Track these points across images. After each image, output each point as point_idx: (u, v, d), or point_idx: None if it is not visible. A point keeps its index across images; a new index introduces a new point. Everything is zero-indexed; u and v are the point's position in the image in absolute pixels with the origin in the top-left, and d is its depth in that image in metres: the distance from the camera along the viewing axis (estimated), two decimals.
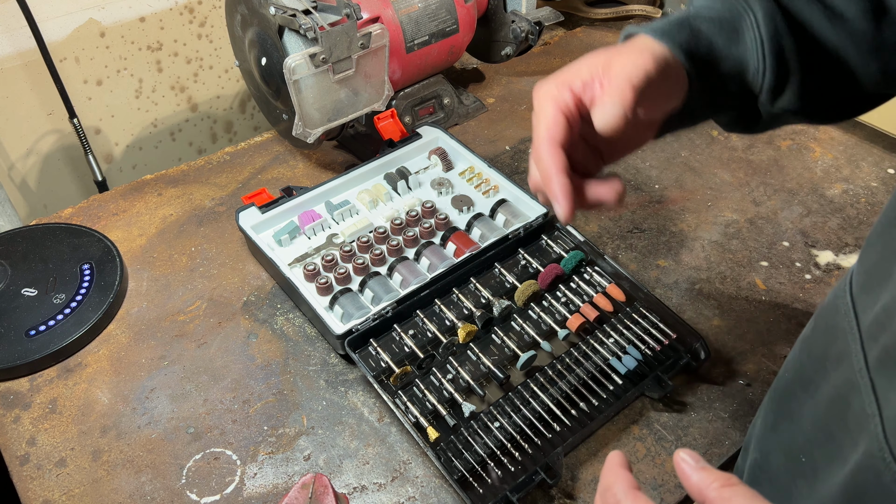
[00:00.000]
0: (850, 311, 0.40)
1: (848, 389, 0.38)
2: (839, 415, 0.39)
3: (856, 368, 0.37)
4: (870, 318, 0.37)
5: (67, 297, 0.77)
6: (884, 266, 0.37)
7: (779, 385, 0.50)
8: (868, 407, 0.35)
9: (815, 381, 0.43)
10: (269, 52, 0.86)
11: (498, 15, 1.05)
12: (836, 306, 0.43)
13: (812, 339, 0.47)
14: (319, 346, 0.76)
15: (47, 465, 0.65)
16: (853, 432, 0.37)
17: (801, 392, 0.45)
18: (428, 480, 0.64)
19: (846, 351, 0.39)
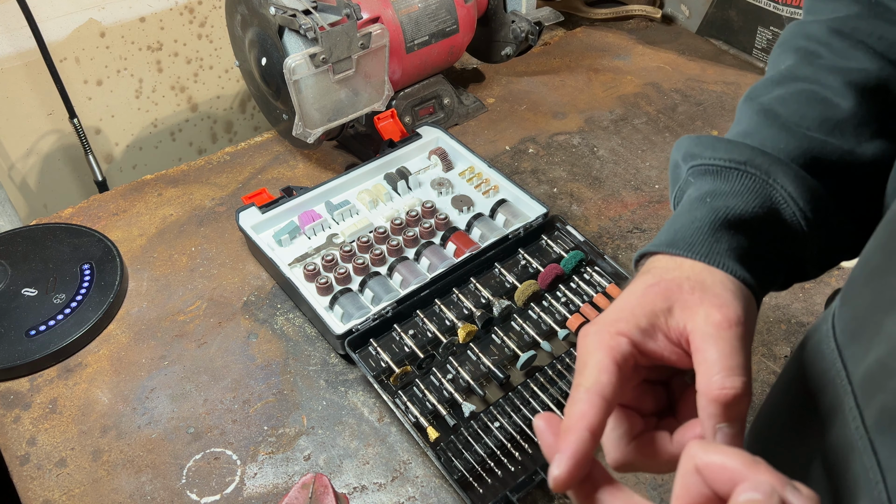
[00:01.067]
0: (839, 362, 0.38)
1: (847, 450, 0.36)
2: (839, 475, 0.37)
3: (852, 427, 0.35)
4: (862, 370, 0.35)
5: (67, 297, 0.77)
6: (874, 317, 0.35)
7: (763, 428, 0.48)
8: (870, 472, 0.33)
9: (807, 432, 0.41)
10: (270, 52, 0.86)
11: (498, 15, 1.05)
12: (820, 352, 0.41)
13: (798, 384, 0.44)
14: (319, 346, 0.76)
15: (47, 465, 0.65)
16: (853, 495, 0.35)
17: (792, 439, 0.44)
18: (428, 480, 0.64)
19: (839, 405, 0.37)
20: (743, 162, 0.40)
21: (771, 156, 0.40)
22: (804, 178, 0.40)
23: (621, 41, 1.25)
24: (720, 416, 0.32)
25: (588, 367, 0.34)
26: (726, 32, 1.22)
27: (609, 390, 0.33)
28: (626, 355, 0.34)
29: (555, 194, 0.94)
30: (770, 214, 0.39)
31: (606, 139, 1.03)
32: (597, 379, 0.33)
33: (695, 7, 1.26)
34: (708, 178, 0.41)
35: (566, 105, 1.10)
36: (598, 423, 0.32)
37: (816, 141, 0.41)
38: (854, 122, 0.41)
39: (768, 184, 0.39)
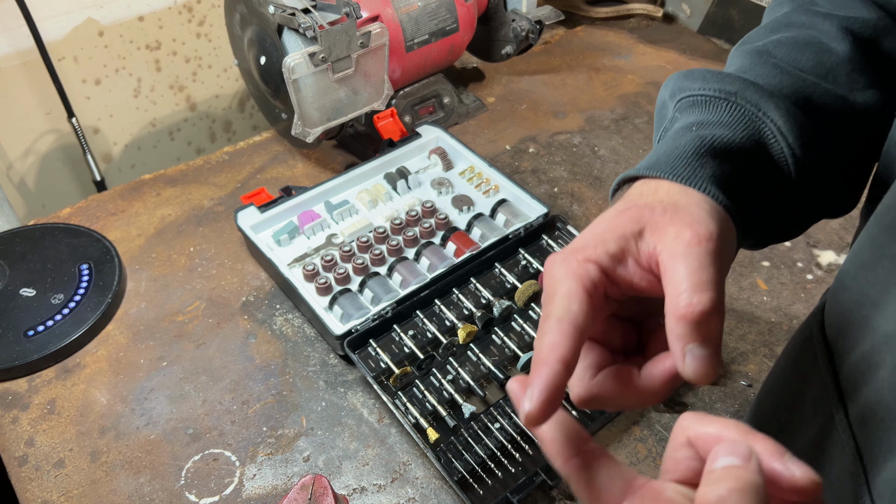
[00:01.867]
0: (825, 356, 0.38)
1: (830, 443, 0.36)
2: (820, 468, 0.37)
3: (836, 420, 0.35)
4: (847, 365, 0.35)
5: (66, 297, 0.77)
6: (861, 312, 0.35)
7: (752, 418, 0.48)
8: (851, 465, 0.33)
9: (793, 425, 0.41)
10: (269, 51, 0.86)
11: (498, 14, 1.05)
12: (808, 347, 0.41)
13: (786, 379, 0.44)
14: (319, 346, 0.75)
15: (46, 466, 0.65)
16: (836, 489, 0.35)
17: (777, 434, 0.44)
18: (428, 482, 0.64)
19: (823, 399, 0.37)
20: (733, 93, 0.38)
21: (763, 89, 0.38)
22: (795, 114, 0.38)
23: (622, 40, 1.24)
24: (689, 335, 0.29)
25: (557, 296, 0.31)
26: (727, 31, 1.22)
27: (580, 319, 0.30)
28: (596, 282, 0.32)
29: (555, 194, 0.93)
30: (757, 147, 0.37)
31: (607, 138, 1.03)
32: (567, 307, 0.31)
33: (696, 6, 1.26)
34: (696, 109, 0.39)
35: (567, 104, 1.09)
36: (571, 352, 0.30)
37: (809, 82, 0.39)
38: (848, 67, 0.40)
39: (758, 116, 0.38)
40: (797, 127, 0.37)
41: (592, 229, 0.34)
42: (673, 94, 0.41)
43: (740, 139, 0.37)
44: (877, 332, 0.33)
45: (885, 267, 0.33)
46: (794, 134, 0.37)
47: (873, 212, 0.36)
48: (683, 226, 0.31)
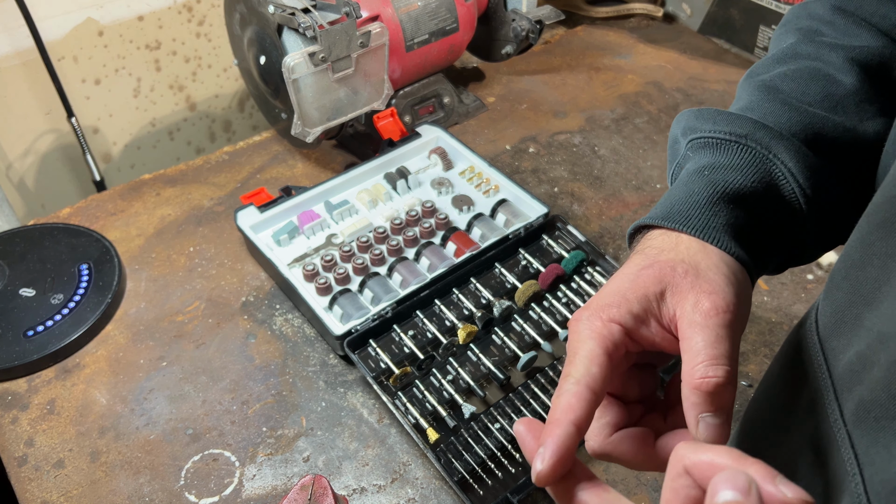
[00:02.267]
0: (819, 355, 0.38)
1: (825, 442, 0.36)
2: (816, 467, 0.37)
3: (831, 420, 0.35)
4: (841, 365, 0.35)
5: (65, 297, 0.77)
6: (853, 311, 0.35)
7: (747, 423, 0.48)
8: (847, 464, 0.33)
9: (787, 426, 0.41)
10: (268, 51, 0.86)
11: (498, 13, 1.04)
12: (802, 347, 0.40)
13: (781, 379, 0.44)
14: (318, 346, 0.75)
15: (45, 467, 0.65)
16: (832, 488, 0.35)
17: (773, 434, 0.43)
18: (428, 482, 0.64)
19: (818, 399, 0.37)
20: (743, 135, 0.39)
21: (772, 130, 0.39)
22: (805, 154, 0.39)
23: (622, 40, 1.24)
24: (703, 405, 0.31)
25: (578, 357, 0.33)
26: (728, 31, 1.22)
27: (598, 382, 0.32)
28: (618, 343, 0.33)
29: (555, 194, 0.93)
30: (769, 190, 0.38)
31: (607, 138, 1.02)
32: (587, 370, 0.32)
33: (696, 6, 1.26)
34: (707, 151, 0.40)
35: (567, 104, 1.09)
36: (585, 416, 0.31)
37: (818, 117, 0.40)
38: (856, 98, 0.41)
39: (768, 158, 0.39)
40: (807, 168, 0.39)
41: (616, 285, 0.35)
42: (685, 133, 0.42)
43: (752, 183, 0.38)
44: (870, 331, 0.33)
45: (876, 265, 0.33)
46: (805, 175, 0.38)
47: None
48: (703, 294, 0.33)
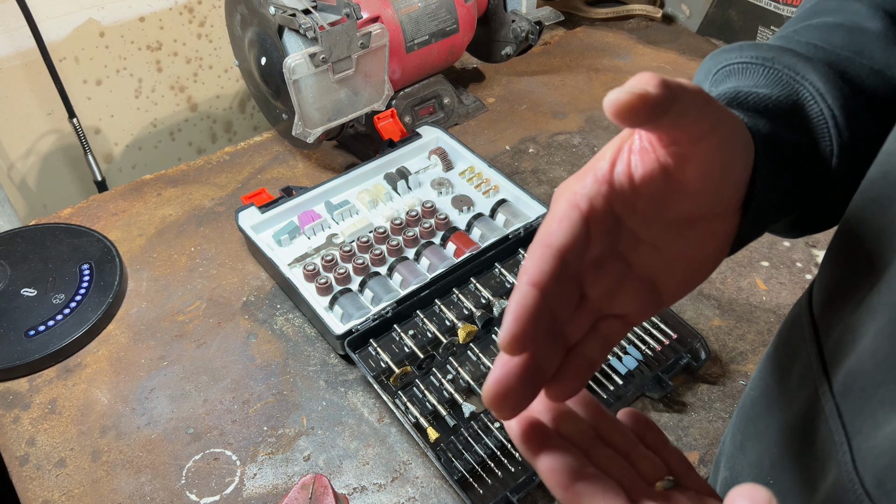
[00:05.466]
0: (811, 330, 0.38)
1: (814, 414, 0.36)
2: (806, 440, 0.37)
3: (820, 392, 0.35)
4: (832, 338, 0.35)
5: (67, 297, 0.77)
6: (845, 286, 0.35)
7: (745, 402, 0.49)
8: (835, 434, 0.33)
9: (780, 403, 0.41)
10: (269, 52, 0.86)
11: (498, 14, 1.05)
12: (796, 324, 0.40)
13: (774, 356, 0.44)
14: (319, 346, 0.76)
15: (47, 466, 0.65)
16: (821, 459, 0.35)
17: (765, 412, 0.43)
18: (428, 481, 0.64)
19: (808, 373, 0.37)
20: (769, 58, 0.36)
21: (800, 54, 0.36)
22: (835, 77, 0.35)
23: (622, 41, 1.25)
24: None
25: (545, 221, 0.30)
26: (727, 32, 1.22)
27: (559, 238, 0.29)
28: (592, 195, 0.30)
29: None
30: (795, 109, 0.35)
31: (607, 139, 1.03)
32: (546, 229, 0.29)
33: (695, 7, 1.26)
34: (732, 77, 0.37)
35: (566, 105, 1.09)
36: (543, 275, 0.28)
37: (843, 57, 0.37)
38: (883, 43, 0.38)
39: (795, 80, 0.35)
40: (836, 89, 0.35)
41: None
42: (708, 72, 0.40)
43: (777, 96, 0.35)
44: (860, 304, 0.33)
45: (869, 240, 0.33)
46: (834, 95, 0.35)
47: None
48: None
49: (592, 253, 0.31)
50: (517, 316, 0.27)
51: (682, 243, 0.33)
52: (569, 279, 0.30)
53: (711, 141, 0.30)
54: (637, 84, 0.26)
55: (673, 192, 0.31)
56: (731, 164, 0.31)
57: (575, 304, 0.32)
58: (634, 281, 0.33)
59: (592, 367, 0.32)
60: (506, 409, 0.29)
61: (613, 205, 0.31)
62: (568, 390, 0.31)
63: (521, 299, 0.28)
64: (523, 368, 0.28)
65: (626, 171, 0.31)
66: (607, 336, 0.33)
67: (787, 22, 0.43)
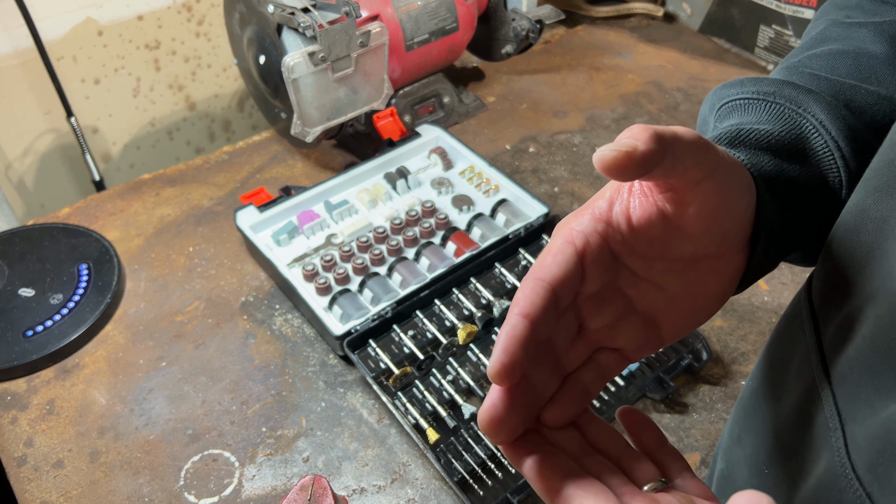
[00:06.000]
0: (810, 320, 0.38)
1: (810, 402, 0.36)
2: (801, 428, 0.37)
3: (817, 380, 0.35)
4: (831, 327, 0.35)
5: (65, 297, 0.77)
6: (845, 275, 0.34)
7: (744, 395, 0.48)
8: (830, 421, 0.33)
9: (777, 393, 0.41)
10: (268, 51, 0.86)
11: (498, 13, 1.04)
12: (796, 314, 0.40)
13: (774, 347, 0.44)
14: (318, 346, 0.75)
15: (45, 467, 0.65)
16: (815, 446, 0.35)
17: (763, 403, 0.43)
18: (428, 482, 0.64)
19: (807, 361, 0.37)
20: (770, 93, 0.36)
21: (802, 87, 0.36)
22: (838, 107, 0.35)
23: (623, 39, 1.24)
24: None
25: (541, 255, 0.31)
26: (728, 31, 1.22)
27: (552, 272, 0.29)
28: (588, 233, 0.30)
29: (556, 194, 0.93)
30: (799, 142, 0.35)
31: (608, 138, 1.02)
32: (541, 263, 0.30)
33: (697, 5, 1.25)
34: (735, 113, 0.37)
35: (567, 104, 1.09)
36: (534, 308, 0.29)
37: (849, 85, 0.37)
38: (891, 66, 0.38)
39: (798, 113, 0.35)
40: (840, 119, 0.35)
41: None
42: (712, 107, 0.40)
43: (779, 132, 0.35)
44: (860, 293, 0.32)
45: (870, 229, 0.32)
46: (838, 126, 0.35)
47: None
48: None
49: (590, 288, 0.31)
50: (506, 346, 0.28)
51: (684, 282, 0.33)
52: (564, 311, 0.31)
53: (709, 185, 0.30)
54: (626, 141, 0.27)
55: (672, 235, 0.31)
56: (731, 207, 0.31)
57: (573, 336, 0.32)
58: (635, 317, 0.33)
59: (588, 395, 0.32)
60: (500, 436, 0.29)
61: (610, 243, 0.31)
62: (565, 415, 0.32)
63: (511, 330, 0.28)
64: (515, 397, 0.29)
65: (624, 213, 0.31)
66: (605, 367, 0.33)
67: (792, 52, 0.43)
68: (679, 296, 0.33)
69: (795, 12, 1.09)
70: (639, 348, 0.34)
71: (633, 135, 0.27)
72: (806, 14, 1.09)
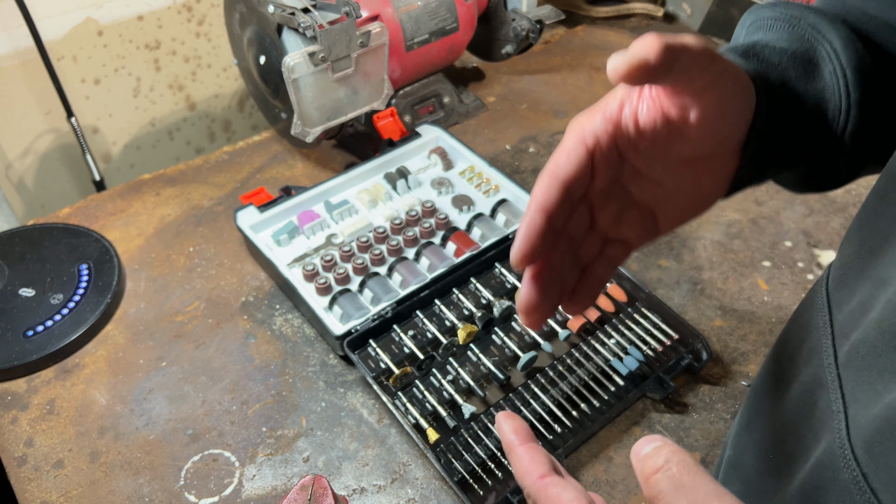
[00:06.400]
0: (825, 307, 0.39)
1: (816, 386, 0.37)
2: (806, 412, 0.38)
3: (825, 364, 0.36)
4: (843, 313, 0.36)
5: (65, 297, 0.77)
6: (860, 262, 0.35)
7: (756, 382, 0.50)
8: (834, 403, 0.34)
9: (787, 379, 0.42)
10: (268, 51, 0.86)
11: (498, 13, 1.04)
12: (812, 301, 0.41)
13: (787, 335, 0.45)
14: (318, 346, 0.75)
15: (45, 467, 0.65)
16: (817, 429, 0.36)
17: (772, 389, 0.44)
18: (428, 482, 0.64)
19: (817, 347, 0.38)
20: (796, 16, 0.39)
21: (827, 14, 0.38)
22: (854, 39, 0.37)
23: (623, 39, 1.24)
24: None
25: (555, 152, 0.35)
26: (728, 31, 1.22)
27: (565, 170, 0.33)
28: (598, 131, 0.34)
29: None
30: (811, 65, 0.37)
31: None
32: (555, 161, 0.34)
33: (696, 5, 1.25)
34: (759, 32, 0.40)
35: (567, 104, 1.09)
36: (550, 202, 0.33)
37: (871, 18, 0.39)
38: None
39: (815, 38, 0.37)
40: (852, 50, 0.36)
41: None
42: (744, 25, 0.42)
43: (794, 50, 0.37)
44: (873, 279, 0.33)
45: (887, 216, 0.33)
46: (848, 56, 0.36)
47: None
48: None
49: (599, 183, 0.36)
50: (525, 235, 0.33)
51: (681, 180, 0.37)
52: (577, 205, 0.36)
53: (712, 93, 0.33)
54: (638, 52, 0.29)
55: (674, 137, 0.34)
56: (730, 114, 0.34)
57: (587, 229, 0.37)
58: (635, 210, 0.37)
59: (601, 283, 0.38)
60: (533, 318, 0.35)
61: (618, 142, 0.35)
62: (583, 304, 0.37)
63: (530, 221, 0.33)
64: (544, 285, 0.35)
65: (632, 115, 0.34)
66: (612, 258, 0.38)
67: None
68: (675, 192, 0.37)
69: None
70: (639, 237, 0.38)
71: (644, 45, 0.29)
72: None
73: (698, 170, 0.36)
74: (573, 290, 0.37)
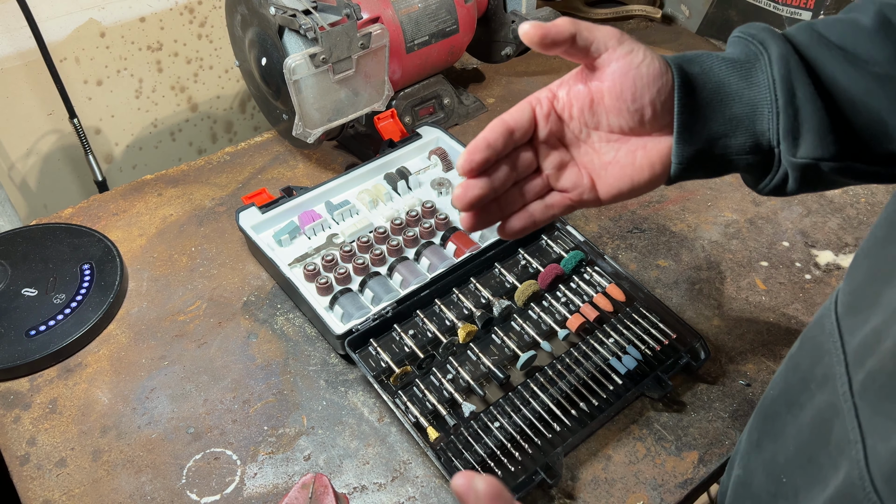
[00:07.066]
0: (836, 332, 0.39)
1: (831, 413, 0.37)
2: (821, 438, 0.38)
3: (839, 392, 0.36)
4: (857, 340, 0.36)
5: (67, 297, 0.77)
6: (872, 288, 0.36)
7: (765, 402, 0.50)
8: (851, 433, 0.34)
9: (800, 402, 0.42)
10: (269, 53, 0.86)
11: (498, 15, 1.05)
12: (821, 325, 0.41)
13: (797, 357, 0.45)
14: (319, 346, 0.76)
15: (47, 465, 0.65)
16: (834, 457, 0.36)
17: (785, 411, 0.44)
18: (428, 480, 0.64)
19: (831, 373, 0.38)
20: (751, 34, 0.45)
21: (776, 34, 0.44)
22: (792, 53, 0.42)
23: None
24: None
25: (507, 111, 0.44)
26: (726, 32, 1.22)
27: (512, 117, 0.44)
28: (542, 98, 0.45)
29: None
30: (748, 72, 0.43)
31: None
32: (507, 112, 0.44)
33: (695, 7, 1.26)
34: (728, 47, 0.47)
35: None
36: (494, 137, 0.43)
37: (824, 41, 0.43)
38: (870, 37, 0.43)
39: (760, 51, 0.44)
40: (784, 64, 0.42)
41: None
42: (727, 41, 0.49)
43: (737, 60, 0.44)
44: (887, 307, 0.33)
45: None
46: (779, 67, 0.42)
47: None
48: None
49: (541, 134, 0.46)
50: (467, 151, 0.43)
51: (615, 152, 0.46)
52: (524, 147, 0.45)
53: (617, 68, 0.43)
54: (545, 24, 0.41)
55: (596, 108, 0.45)
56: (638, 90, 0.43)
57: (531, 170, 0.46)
58: (575, 168, 0.47)
59: (535, 223, 0.47)
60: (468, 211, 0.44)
61: (555, 107, 0.46)
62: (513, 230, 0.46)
63: (473, 142, 0.43)
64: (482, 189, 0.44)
65: (566, 87, 0.46)
66: (551, 204, 0.47)
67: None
68: (611, 163, 0.46)
69: (792, 14, 1.10)
70: (580, 196, 0.46)
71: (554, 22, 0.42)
72: (803, 16, 1.09)
73: (631, 144, 0.45)
74: (510, 216, 0.46)
